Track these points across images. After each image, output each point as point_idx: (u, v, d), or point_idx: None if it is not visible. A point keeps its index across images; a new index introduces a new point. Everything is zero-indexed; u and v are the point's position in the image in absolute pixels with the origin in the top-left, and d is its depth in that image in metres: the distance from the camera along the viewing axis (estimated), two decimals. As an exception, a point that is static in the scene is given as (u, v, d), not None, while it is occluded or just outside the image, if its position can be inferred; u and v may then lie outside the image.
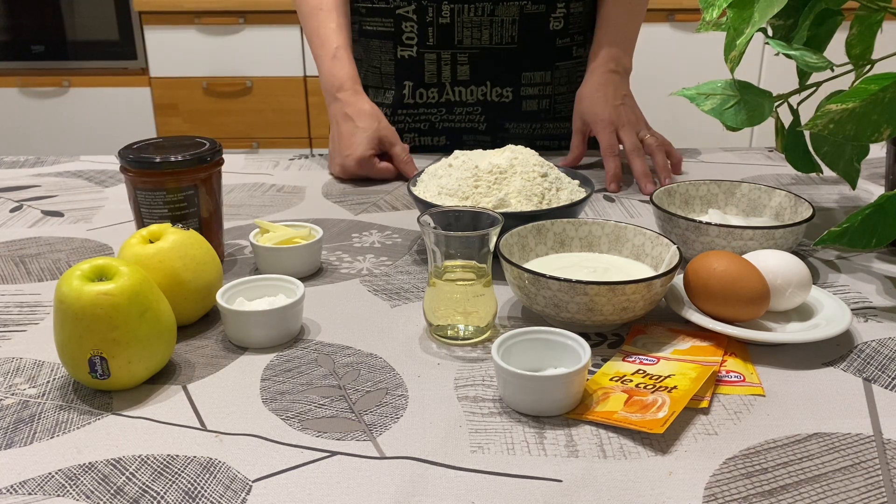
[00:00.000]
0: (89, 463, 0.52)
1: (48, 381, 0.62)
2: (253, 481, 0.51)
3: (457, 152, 0.84)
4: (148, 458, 0.53)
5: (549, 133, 1.18)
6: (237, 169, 1.11)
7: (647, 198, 0.99)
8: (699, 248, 0.77)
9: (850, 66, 0.85)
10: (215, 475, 0.51)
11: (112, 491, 0.50)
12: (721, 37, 2.68)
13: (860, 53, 0.85)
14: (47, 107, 2.91)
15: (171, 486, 0.50)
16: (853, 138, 0.73)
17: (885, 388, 0.60)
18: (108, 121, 2.92)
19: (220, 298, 0.66)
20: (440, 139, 1.18)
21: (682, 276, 0.69)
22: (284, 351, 0.65)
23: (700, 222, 0.76)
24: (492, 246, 0.65)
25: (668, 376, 0.59)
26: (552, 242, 0.75)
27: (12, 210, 0.97)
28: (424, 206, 0.77)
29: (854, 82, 0.81)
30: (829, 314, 0.66)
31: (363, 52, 1.16)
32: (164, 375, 0.62)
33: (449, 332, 0.66)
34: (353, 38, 1.15)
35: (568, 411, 0.57)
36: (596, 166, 1.11)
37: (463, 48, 1.10)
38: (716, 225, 0.76)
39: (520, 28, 1.10)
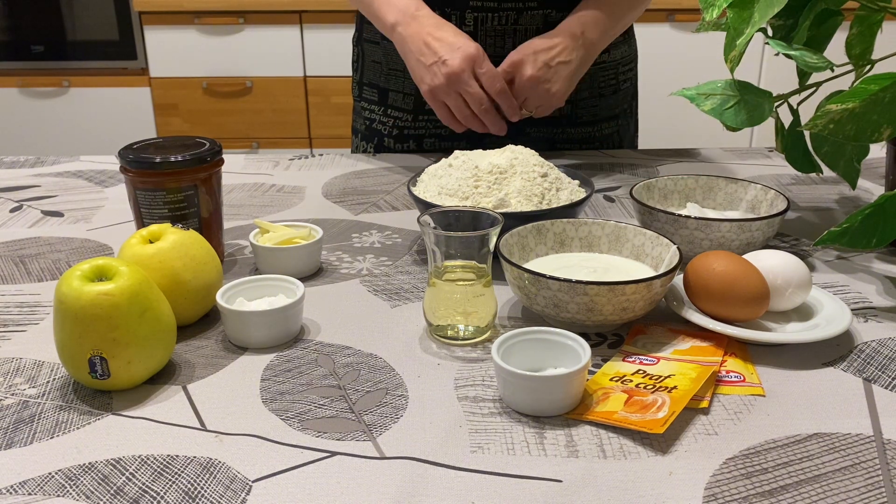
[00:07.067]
0: (89, 463, 0.52)
1: (48, 381, 0.62)
2: (253, 481, 0.51)
3: (457, 152, 0.84)
4: (148, 459, 0.53)
5: (571, 137, 1.17)
6: (237, 169, 1.11)
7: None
8: (678, 241, 0.78)
9: (850, 66, 0.85)
10: (215, 475, 0.51)
11: (112, 491, 0.50)
12: (721, 37, 2.68)
13: (860, 53, 0.85)
14: (47, 107, 2.91)
15: (171, 486, 0.50)
16: (853, 138, 0.73)
17: (885, 388, 0.60)
18: (108, 121, 2.92)
19: (220, 298, 0.66)
20: (461, 143, 1.17)
21: (682, 276, 0.69)
22: (284, 351, 0.65)
23: (678, 215, 0.77)
24: (492, 246, 0.65)
25: (668, 376, 0.59)
26: (552, 242, 0.75)
27: (12, 210, 0.97)
28: (424, 206, 0.77)
29: (854, 82, 0.81)
30: (829, 314, 0.66)
31: (384, 55, 1.15)
32: (164, 375, 0.62)
33: (449, 332, 0.66)
34: (376, 41, 1.15)
35: (568, 411, 0.57)
36: (596, 167, 1.11)
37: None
38: (694, 218, 0.77)
39: None
